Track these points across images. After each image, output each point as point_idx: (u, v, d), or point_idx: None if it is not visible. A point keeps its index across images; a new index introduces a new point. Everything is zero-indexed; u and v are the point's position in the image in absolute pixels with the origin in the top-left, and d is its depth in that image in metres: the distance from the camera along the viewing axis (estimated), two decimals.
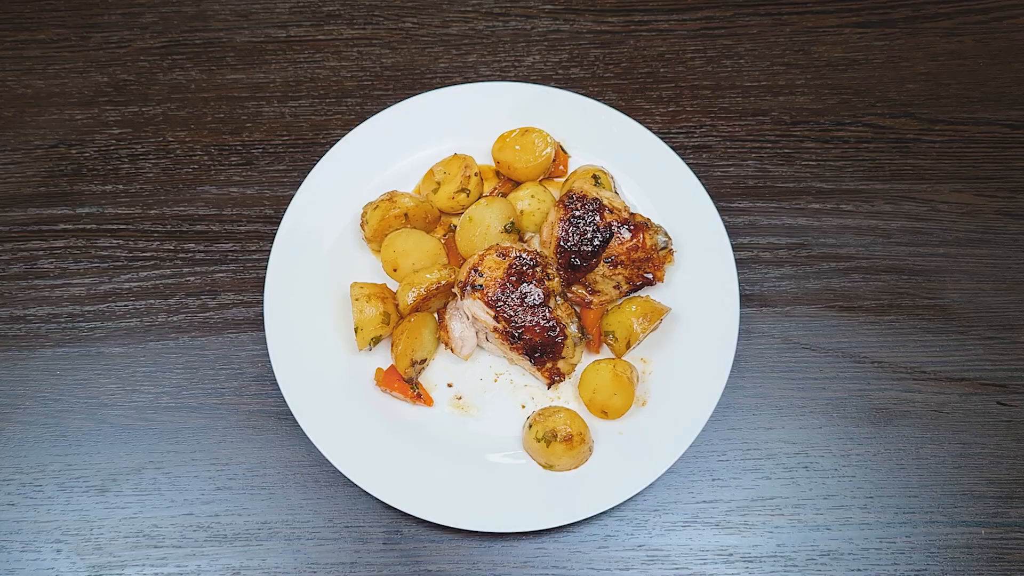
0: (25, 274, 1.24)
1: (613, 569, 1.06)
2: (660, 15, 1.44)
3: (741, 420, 1.14)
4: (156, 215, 1.27)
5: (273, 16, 1.44)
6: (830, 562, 1.06)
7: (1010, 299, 1.22)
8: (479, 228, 1.14)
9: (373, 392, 1.11)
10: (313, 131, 1.34)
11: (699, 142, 1.33)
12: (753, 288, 1.22)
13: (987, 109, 1.35)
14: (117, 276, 1.23)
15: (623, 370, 1.08)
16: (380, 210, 1.15)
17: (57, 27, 1.43)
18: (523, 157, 1.20)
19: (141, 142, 1.33)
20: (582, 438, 1.04)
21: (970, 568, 1.06)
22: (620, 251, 1.11)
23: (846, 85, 1.37)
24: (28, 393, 1.16)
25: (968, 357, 1.18)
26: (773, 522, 1.08)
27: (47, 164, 1.31)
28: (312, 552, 1.06)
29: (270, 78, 1.38)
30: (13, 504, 1.09)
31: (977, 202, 1.28)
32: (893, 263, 1.24)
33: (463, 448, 1.09)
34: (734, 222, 1.26)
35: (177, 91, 1.37)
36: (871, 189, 1.29)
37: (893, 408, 1.15)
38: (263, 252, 1.23)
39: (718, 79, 1.38)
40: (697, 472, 1.11)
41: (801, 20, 1.43)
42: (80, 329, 1.20)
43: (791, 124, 1.34)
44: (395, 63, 1.40)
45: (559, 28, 1.43)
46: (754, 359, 1.17)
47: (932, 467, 1.11)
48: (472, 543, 1.07)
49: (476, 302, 1.08)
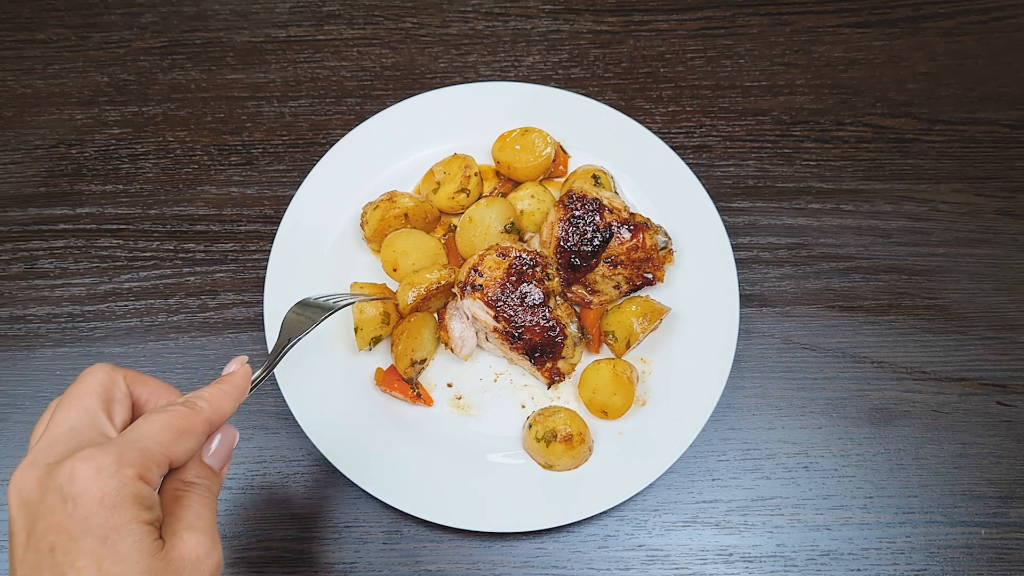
0: (25, 274, 1.24)
1: (613, 569, 1.06)
2: (660, 15, 1.44)
3: (741, 420, 1.14)
4: (156, 215, 1.27)
5: (273, 16, 1.44)
6: (830, 562, 1.06)
7: (1010, 299, 1.22)
8: (479, 228, 1.14)
9: (373, 392, 1.11)
10: (313, 131, 1.34)
11: (699, 142, 1.33)
12: (753, 288, 1.22)
13: (987, 109, 1.35)
14: (117, 276, 1.23)
15: (623, 370, 1.08)
16: (380, 210, 1.15)
17: (57, 27, 1.43)
18: (523, 157, 1.20)
19: (141, 142, 1.33)
20: (582, 438, 1.04)
21: (970, 568, 1.06)
22: (620, 251, 1.11)
23: (846, 85, 1.38)
24: (28, 393, 1.16)
25: (968, 357, 1.18)
26: (773, 522, 1.08)
27: (47, 164, 1.31)
28: (312, 552, 1.06)
29: (270, 78, 1.38)
30: None
31: (977, 202, 1.28)
32: (893, 263, 1.24)
33: (463, 448, 1.09)
34: (734, 222, 1.26)
35: (177, 91, 1.37)
36: (871, 189, 1.29)
37: (893, 408, 1.15)
38: (263, 252, 1.23)
39: (718, 79, 1.38)
40: (697, 472, 1.11)
41: (801, 20, 1.43)
42: (80, 329, 1.20)
43: (791, 124, 1.34)
44: (395, 63, 1.40)
45: (559, 28, 1.43)
46: (754, 359, 1.17)
47: (932, 467, 1.11)
48: (472, 543, 1.07)
49: (476, 302, 1.08)
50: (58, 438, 0.64)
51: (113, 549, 0.59)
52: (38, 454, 0.63)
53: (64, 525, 0.59)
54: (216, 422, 0.70)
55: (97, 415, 0.67)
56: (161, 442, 0.64)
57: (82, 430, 0.65)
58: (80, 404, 0.66)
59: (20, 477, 0.62)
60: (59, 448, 0.63)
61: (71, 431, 0.64)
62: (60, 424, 0.65)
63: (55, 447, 0.63)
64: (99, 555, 0.59)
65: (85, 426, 0.65)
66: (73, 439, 0.64)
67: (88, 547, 0.59)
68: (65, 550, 0.59)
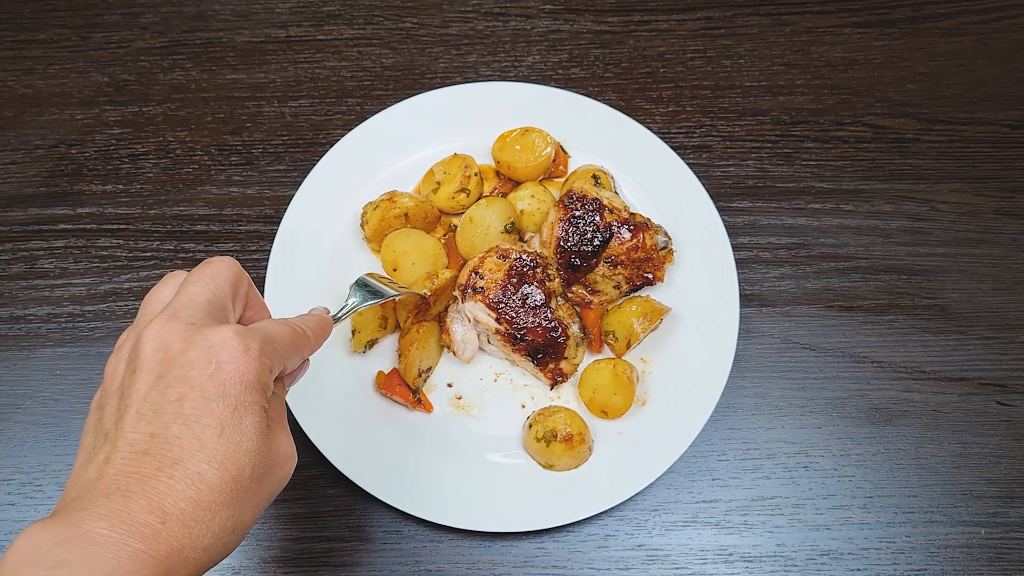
0: (25, 274, 1.24)
1: (613, 569, 1.06)
2: (660, 15, 1.44)
3: (741, 420, 1.14)
4: (156, 215, 1.28)
5: (273, 16, 1.44)
6: (830, 562, 1.06)
7: (1010, 299, 1.22)
8: (479, 228, 1.14)
9: (373, 392, 1.11)
10: (313, 131, 1.34)
11: (699, 142, 1.33)
12: (753, 288, 1.22)
13: (987, 109, 1.35)
14: (117, 276, 1.23)
15: (623, 370, 1.08)
16: (380, 210, 1.15)
17: (57, 27, 1.43)
18: (523, 157, 1.20)
19: (141, 142, 1.33)
20: (582, 438, 1.04)
21: (970, 568, 1.06)
22: (620, 251, 1.11)
23: (846, 85, 1.38)
24: (28, 393, 1.16)
25: (968, 357, 1.18)
26: (773, 522, 1.08)
27: (47, 164, 1.31)
28: (312, 552, 1.06)
29: (270, 78, 1.38)
30: (13, 504, 1.09)
31: (977, 202, 1.28)
32: (893, 263, 1.24)
33: (463, 448, 1.09)
34: (734, 222, 1.26)
35: (177, 91, 1.37)
36: (871, 189, 1.29)
37: (893, 408, 1.15)
38: (263, 252, 1.23)
39: (718, 79, 1.38)
40: (697, 472, 1.11)
41: (801, 20, 1.43)
42: (80, 329, 1.20)
43: (791, 124, 1.34)
44: (395, 63, 1.40)
45: (559, 28, 1.43)
46: (754, 359, 1.17)
47: (932, 467, 1.11)
48: (472, 543, 1.07)
49: (477, 304, 1.08)
50: (199, 304, 0.67)
51: (239, 420, 0.62)
52: (179, 311, 0.66)
53: (201, 383, 0.62)
54: (314, 350, 0.76)
55: (227, 300, 0.70)
56: (288, 349, 0.70)
57: (217, 307, 0.68)
58: (216, 284, 0.69)
59: (163, 326, 0.64)
60: (200, 314, 0.66)
61: (207, 303, 0.67)
62: (197, 295, 0.68)
63: (196, 312, 0.66)
64: (225, 420, 0.62)
65: (218, 305, 0.68)
66: (211, 311, 0.67)
67: (218, 410, 0.62)
68: (196, 404, 0.61)
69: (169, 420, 0.61)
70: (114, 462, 0.60)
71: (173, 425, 0.61)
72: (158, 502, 0.58)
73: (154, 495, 0.58)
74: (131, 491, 0.58)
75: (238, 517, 0.63)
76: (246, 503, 0.63)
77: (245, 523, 0.64)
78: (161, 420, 0.61)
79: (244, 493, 0.63)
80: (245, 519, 0.64)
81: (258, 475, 0.64)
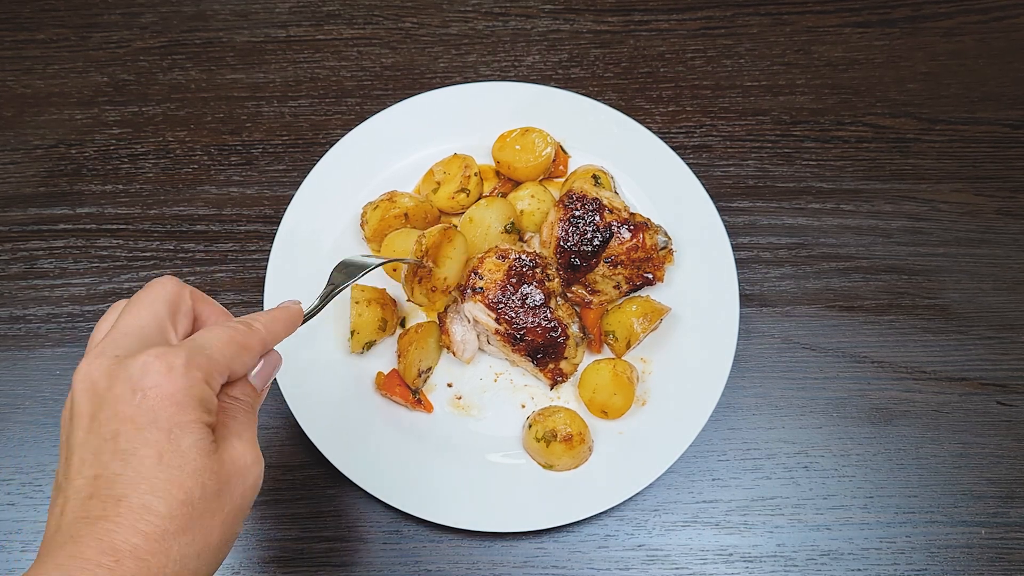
0: (25, 274, 1.24)
1: (613, 569, 1.06)
2: (660, 15, 1.44)
3: (741, 420, 1.14)
4: (156, 215, 1.27)
5: (273, 16, 1.44)
6: (830, 562, 1.06)
7: (1010, 299, 1.22)
8: (479, 228, 1.14)
9: (373, 393, 1.11)
10: (313, 131, 1.34)
11: (699, 142, 1.33)
12: (753, 288, 1.22)
13: (987, 109, 1.35)
14: (117, 276, 1.23)
15: (623, 370, 1.08)
16: (380, 210, 1.15)
17: (57, 27, 1.43)
18: (523, 157, 1.20)
19: (141, 142, 1.33)
20: (582, 438, 1.04)
21: (970, 568, 1.06)
22: (620, 251, 1.11)
23: (846, 85, 1.37)
24: (28, 393, 1.16)
25: (968, 357, 1.18)
26: (773, 522, 1.08)
27: (47, 164, 1.31)
28: (312, 552, 1.06)
29: (270, 78, 1.38)
30: (13, 504, 1.09)
31: (977, 202, 1.28)
32: (893, 263, 1.24)
33: (463, 448, 1.09)
34: (734, 222, 1.26)
35: (177, 91, 1.37)
36: (871, 189, 1.29)
37: (893, 408, 1.15)
38: (263, 252, 1.23)
39: (718, 79, 1.38)
40: (697, 472, 1.11)
41: (801, 20, 1.43)
42: (80, 329, 1.20)
43: (791, 124, 1.34)
44: (395, 63, 1.40)
45: (559, 28, 1.43)
46: (754, 359, 1.17)
47: (932, 467, 1.11)
48: (472, 543, 1.07)
49: (477, 304, 1.08)
50: (127, 335, 0.66)
51: (175, 443, 0.61)
52: (107, 347, 0.65)
53: (131, 415, 0.61)
54: (268, 345, 0.73)
55: (164, 321, 0.69)
56: (225, 353, 0.67)
57: (150, 332, 0.67)
58: (150, 308, 0.68)
59: (89, 366, 0.64)
60: (127, 344, 0.65)
61: (139, 331, 0.67)
62: (129, 324, 0.67)
63: (123, 343, 0.65)
64: (161, 446, 0.61)
65: (152, 329, 0.67)
66: (141, 338, 0.66)
67: (152, 437, 0.61)
68: (129, 437, 0.61)
69: (108, 459, 0.60)
70: (67, 512, 0.60)
71: (112, 463, 0.60)
72: (108, 542, 0.58)
73: (104, 536, 0.58)
74: (81, 536, 0.58)
75: (202, 539, 0.62)
76: (207, 522, 0.62)
77: (213, 542, 0.63)
78: (100, 460, 0.61)
79: (200, 514, 0.62)
80: (210, 539, 0.63)
81: (211, 493, 0.62)
